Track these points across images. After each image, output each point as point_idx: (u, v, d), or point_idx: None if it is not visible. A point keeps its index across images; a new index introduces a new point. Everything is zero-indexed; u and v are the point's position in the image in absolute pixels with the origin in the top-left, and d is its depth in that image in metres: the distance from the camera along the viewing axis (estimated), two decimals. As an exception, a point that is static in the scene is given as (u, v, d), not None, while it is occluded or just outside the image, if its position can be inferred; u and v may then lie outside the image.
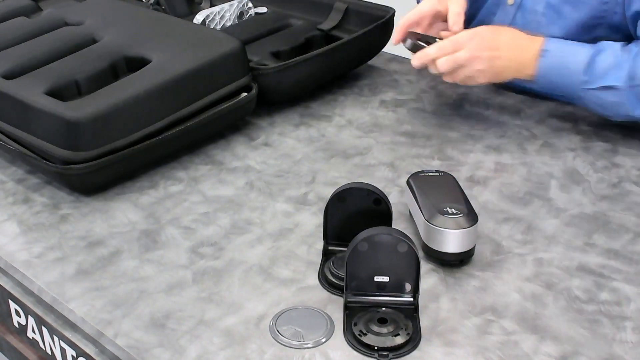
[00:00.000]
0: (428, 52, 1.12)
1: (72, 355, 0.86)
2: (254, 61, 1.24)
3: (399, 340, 0.78)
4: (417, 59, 1.13)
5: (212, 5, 1.48)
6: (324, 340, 0.79)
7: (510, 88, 1.33)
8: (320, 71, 1.28)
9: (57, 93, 1.08)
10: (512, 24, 1.22)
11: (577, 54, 1.10)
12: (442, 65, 1.11)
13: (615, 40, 1.11)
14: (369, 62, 1.43)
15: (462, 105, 1.28)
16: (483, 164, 1.11)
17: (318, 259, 0.91)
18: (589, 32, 1.15)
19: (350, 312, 0.82)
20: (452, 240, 0.87)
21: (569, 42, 1.12)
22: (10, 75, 1.12)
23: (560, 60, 1.10)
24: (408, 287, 0.82)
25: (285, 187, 1.06)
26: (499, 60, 1.11)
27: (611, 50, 1.09)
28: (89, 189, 1.06)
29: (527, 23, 1.21)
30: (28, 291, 0.91)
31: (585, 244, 0.93)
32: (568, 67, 1.10)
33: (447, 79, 1.14)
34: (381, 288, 0.82)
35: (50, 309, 0.88)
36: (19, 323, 0.95)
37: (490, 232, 0.96)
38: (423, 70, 1.40)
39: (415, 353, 0.77)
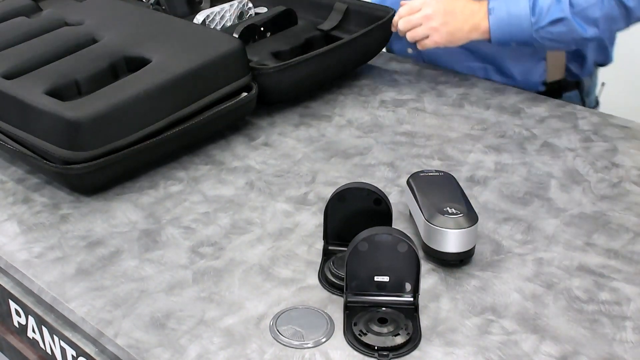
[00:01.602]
0: (398, 12, 1.30)
1: (72, 355, 0.86)
2: (254, 61, 1.24)
3: (399, 340, 0.78)
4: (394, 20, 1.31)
5: (212, 5, 1.48)
6: (324, 340, 0.79)
7: (510, 88, 1.33)
8: (320, 71, 1.28)
9: (57, 93, 1.08)
10: None
11: (519, 2, 1.24)
12: (401, 25, 1.29)
13: None
14: (369, 62, 1.43)
15: (462, 105, 1.28)
16: (483, 164, 1.11)
17: (318, 259, 0.91)
18: None
19: (350, 312, 0.82)
20: (452, 240, 0.87)
21: None
22: (10, 75, 1.12)
23: (506, 12, 1.25)
24: (408, 287, 0.82)
25: (285, 187, 1.06)
26: (453, 22, 1.26)
27: None
28: (89, 189, 1.06)
29: None
30: (28, 291, 0.91)
31: (585, 244, 0.93)
32: (516, 14, 1.24)
33: (409, 38, 1.29)
34: (381, 288, 0.82)
35: (50, 308, 0.88)
36: (19, 323, 0.95)
37: (490, 232, 0.96)
38: (423, 70, 1.41)
39: (415, 353, 0.78)
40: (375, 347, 0.77)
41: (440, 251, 0.88)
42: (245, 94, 1.18)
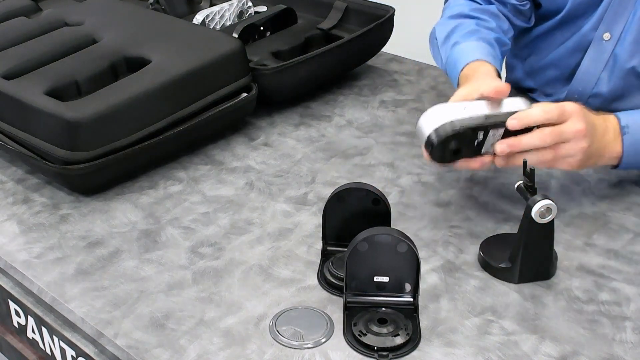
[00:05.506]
0: (531, 114, 0.89)
1: (72, 355, 0.86)
2: (254, 61, 1.24)
3: (399, 340, 0.78)
4: (517, 119, 0.88)
5: (212, 5, 1.48)
6: (323, 340, 0.79)
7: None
8: (320, 71, 1.28)
9: (57, 93, 1.08)
10: (609, 61, 1.13)
11: None
12: (546, 136, 0.89)
13: None
14: (369, 62, 1.43)
15: (462, 105, 1.28)
16: (483, 164, 1.11)
17: (318, 259, 0.91)
18: None
19: (350, 312, 0.82)
20: None
21: (638, 111, 0.99)
22: (10, 75, 1.12)
23: None
24: (408, 287, 0.82)
25: (285, 187, 1.06)
26: (594, 142, 0.92)
27: None
28: (89, 189, 1.06)
29: (631, 57, 1.10)
30: (28, 291, 0.91)
31: (585, 244, 0.93)
32: None
33: (539, 159, 0.91)
34: (381, 288, 0.82)
35: (50, 309, 0.88)
36: (18, 323, 0.95)
37: (491, 232, 0.96)
38: (423, 70, 1.41)
39: (415, 353, 0.77)
40: (375, 348, 0.77)
41: None
42: (245, 94, 1.18)
